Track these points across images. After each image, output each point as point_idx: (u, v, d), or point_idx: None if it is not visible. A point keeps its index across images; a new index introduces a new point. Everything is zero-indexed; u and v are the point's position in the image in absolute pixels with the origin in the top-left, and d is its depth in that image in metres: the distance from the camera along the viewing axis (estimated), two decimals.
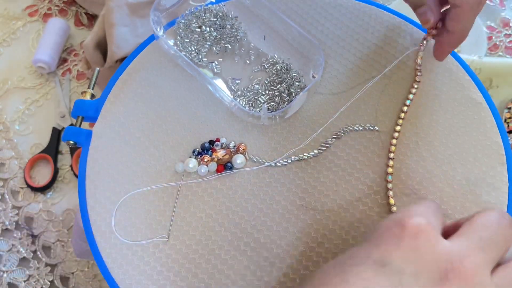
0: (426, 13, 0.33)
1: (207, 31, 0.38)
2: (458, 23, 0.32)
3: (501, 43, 0.58)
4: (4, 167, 0.56)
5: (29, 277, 0.50)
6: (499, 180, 0.33)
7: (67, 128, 0.36)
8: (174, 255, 0.32)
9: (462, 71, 0.37)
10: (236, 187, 0.34)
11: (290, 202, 0.33)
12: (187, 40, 0.38)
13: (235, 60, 0.38)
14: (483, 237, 0.22)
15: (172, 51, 0.37)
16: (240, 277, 0.31)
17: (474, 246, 0.22)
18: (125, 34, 0.53)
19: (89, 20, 0.65)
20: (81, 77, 0.61)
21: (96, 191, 0.34)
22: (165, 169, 0.35)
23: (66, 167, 0.55)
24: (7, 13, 0.65)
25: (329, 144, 0.34)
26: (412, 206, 0.24)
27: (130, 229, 0.33)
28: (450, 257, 0.21)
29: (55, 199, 0.54)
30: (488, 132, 0.34)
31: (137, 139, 0.36)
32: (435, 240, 0.22)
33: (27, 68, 0.62)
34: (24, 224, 0.52)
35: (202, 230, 0.33)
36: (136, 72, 0.38)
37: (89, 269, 0.50)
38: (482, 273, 0.21)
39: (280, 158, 0.34)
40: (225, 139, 0.35)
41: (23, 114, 0.59)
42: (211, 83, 0.36)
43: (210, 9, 0.39)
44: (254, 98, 0.36)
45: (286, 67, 0.37)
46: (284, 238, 0.32)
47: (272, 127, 0.36)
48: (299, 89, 0.36)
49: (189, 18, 0.39)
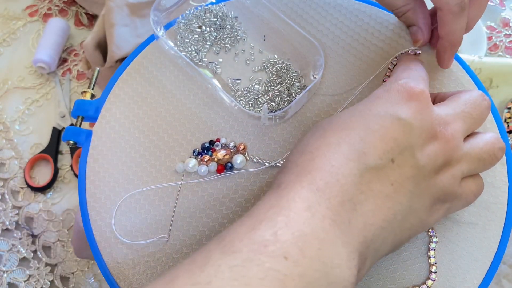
0: (417, 33, 0.35)
1: (207, 31, 0.38)
2: (443, 27, 0.32)
3: (501, 43, 0.58)
4: (4, 167, 0.56)
5: (29, 277, 0.50)
6: (499, 180, 0.33)
7: (67, 128, 0.36)
8: (174, 255, 0.32)
9: (462, 71, 0.37)
10: (236, 187, 0.34)
11: None
12: (187, 40, 0.38)
13: (235, 60, 0.38)
14: (465, 110, 0.29)
15: (172, 51, 0.37)
16: None
17: (457, 116, 0.28)
18: (125, 34, 0.53)
19: (89, 20, 0.65)
20: (81, 77, 0.61)
21: (96, 191, 0.34)
22: (165, 169, 0.35)
23: (66, 167, 0.55)
24: (7, 13, 0.65)
25: None
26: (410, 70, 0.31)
27: (130, 229, 0.33)
28: (439, 121, 0.27)
29: (55, 199, 0.54)
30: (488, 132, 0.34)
31: (137, 139, 0.36)
32: (431, 106, 0.28)
33: (27, 68, 0.62)
34: (24, 224, 0.52)
35: (202, 230, 0.33)
36: (136, 72, 0.38)
37: (89, 269, 0.50)
38: (459, 138, 0.28)
39: (280, 159, 0.34)
40: (225, 139, 0.35)
41: (23, 114, 0.59)
42: (211, 83, 0.36)
43: (210, 9, 0.39)
44: (254, 98, 0.36)
45: (286, 67, 0.37)
46: None
47: (272, 127, 0.36)
48: (299, 90, 0.36)
49: (189, 18, 0.39)
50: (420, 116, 0.27)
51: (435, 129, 0.27)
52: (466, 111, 0.29)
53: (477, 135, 0.30)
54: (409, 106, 0.27)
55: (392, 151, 0.26)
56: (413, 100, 0.27)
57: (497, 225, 0.32)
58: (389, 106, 0.27)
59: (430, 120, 0.27)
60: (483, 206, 0.32)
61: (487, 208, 0.32)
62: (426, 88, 0.28)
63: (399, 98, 0.27)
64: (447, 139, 0.27)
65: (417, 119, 0.26)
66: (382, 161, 0.25)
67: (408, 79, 0.28)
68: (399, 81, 0.28)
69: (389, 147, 0.26)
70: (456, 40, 0.32)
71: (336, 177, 0.24)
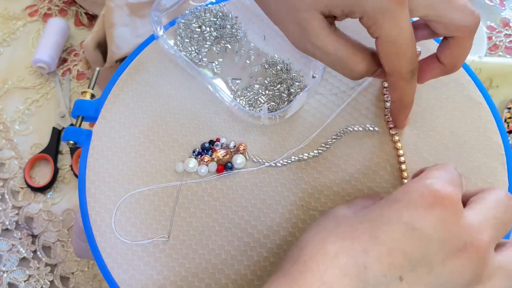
0: None
1: (207, 31, 0.38)
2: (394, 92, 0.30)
3: (501, 43, 0.58)
4: (4, 167, 0.56)
5: (29, 277, 0.50)
6: (499, 180, 0.33)
7: (67, 128, 0.36)
8: (174, 255, 0.32)
9: (462, 71, 0.37)
10: (236, 187, 0.34)
11: (290, 202, 0.33)
12: (187, 40, 0.38)
13: (235, 60, 0.38)
14: (496, 215, 0.24)
15: (172, 51, 0.37)
16: (240, 277, 0.31)
17: (489, 223, 0.24)
18: (125, 34, 0.53)
19: (89, 20, 0.65)
20: (81, 77, 0.61)
21: (96, 191, 0.34)
22: (165, 169, 0.35)
23: (66, 167, 0.55)
24: (7, 13, 0.65)
25: (329, 145, 0.34)
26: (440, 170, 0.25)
27: (130, 229, 0.33)
28: (470, 231, 0.23)
29: (55, 199, 0.54)
30: (488, 132, 0.34)
31: (137, 139, 0.36)
32: (460, 212, 0.23)
33: (27, 68, 0.62)
34: (24, 224, 0.52)
35: (202, 230, 0.33)
36: (136, 72, 0.38)
37: (89, 269, 0.50)
38: (491, 250, 0.23)
39: (280, 158, 0.34)
40: (225, 139, 0.35)
41: (23, 114, 0.59)
42: (211, 83, 0.36)
43: (210, 9, 0.39)
44: (254, 98, 0.36)
45: (286, 67, 0.37)
46: (284, 238, 0.32)
47: (272, 127, 0.36)
48: (299, 89, 0.36)
49: (189, 18, 0.39)
50: (443, 225, 0.22)
51: (464, 240, 0.23)
52: (498, 216, 0.24)
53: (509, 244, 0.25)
54: (430, 213, 0.22)
55: (401, 267, 0.22)
56: (437, 206, 0.23)
57: None
58: (405, 211, 0.23)
59: (458, 231, 0.23)
60: None
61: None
62: (457, 191, 0.23)
63: (419, 202, 0.23)
64: (479, 252, 0.23)
65: (438, 230, 0.22)
66: (386, 279, 0.22)
67: (435, 179, 0.24)
68: (424, 181, 0.24)
69: (398, 262, 0.22)
70: (408, 103, 0.31)
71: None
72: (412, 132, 0.35)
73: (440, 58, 0.29)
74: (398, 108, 0.31)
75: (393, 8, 0.25)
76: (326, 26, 0.27)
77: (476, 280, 0.23)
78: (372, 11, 0.25)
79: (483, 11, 0.60)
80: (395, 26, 0.26)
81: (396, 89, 0.29)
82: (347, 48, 0.28)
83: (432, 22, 0.28)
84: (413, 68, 0.28)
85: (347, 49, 0.28)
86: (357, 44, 0.29)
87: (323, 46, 0.28)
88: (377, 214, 0.24)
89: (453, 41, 0.28)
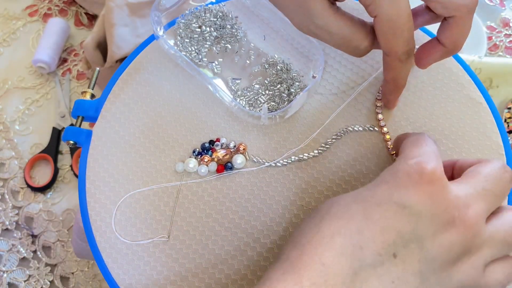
0: None
1: (207, 31, 0.38)
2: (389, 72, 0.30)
3: (501, 43, 0.58)
4: (4, 167, 0.56)
5: (29, 277, 0.50)
6: None
7: (67, 128, 0.36)
8: (174, 255, 0.32)
9: (462, 71, 0.37)
10: (236, 187, 0.34)
11: (290, 202, 0.33)
12: (187, 40, 0.38)
13: (235, 60, 0.38)
14: (486, 187, 0.25)
15: (172, 51, 0.37)
16: (240, 277, 0.31)
17: (478, 195, 0.24)
18: (125, 34, 0.53)
19: (89, 20, 0.65)
20: (81, 77, 0.61)
21: (96, 191, 0.34)
22: (165, 169, 0.35)
23: (66, 167, 0.55)
24: (7, 13, 0.65)
25: (329, 145, 0.34)
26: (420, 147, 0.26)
27: (130, 229, 0.33)
28: (457, 204, 0.24)
29: (55, 199, 0.54)
30: (488, 132, 0.34)
31: (137, 139, 0.36)
32: (446, 186, 0.24)
33: (27, 68, 0.62)
34: (24, 224, 0.52)
35: (202, 230, 0.33)
36: (136, 72, 0.38)
37: (89, 269, 0.50)
38: (480, 222, 0.24)
39: (280, 158, 0.34)
40: (225, 139, 0.35)
41: (23, 114, 0.59)
42: (211, 83, 0.36)
43: (210, 9, 0.39)
44: (254, 98, 0.36)
45: (286, 67, 0.37)
46: (284, 238, 0.32)
47: (272, 127, 0.36)
48: (299, 89, 0.36)
49: (189, 18, 0.39)
50: (431, 201, 0.23)
51: (452, 214, 0.23)
52: (488, 188, 0.25)
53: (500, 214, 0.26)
54: (418, 190, 0.23)
55: (394, 244, 0.23)
56: (423, 183, 0.23)
57: None
58: (394, 191, 0.24)
59: (445, 204, 0.23)
60: None
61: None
62: (439, 165, 0.24)
63: (407, 182, 0.24)
64: (467, 225, 0.23)
65: (427, 205, 0.23)
66: (381, 257, 0.23)
67: (418, 157, 0.24)
68: (408, 161, 0.24)
69: (391, 240, 0.23)
70: (401, 84, 0.31)
71: (325, 278, 0.22)
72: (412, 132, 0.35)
73: (441, 40, 0.29)
74: (391, 88, 0.32)
75: None
76: (328, 6, 0.28)
77: (465, 252, 0.24)
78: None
79: (483, 11, 0.60)
80: (393, 5, 0.26)
81: (390, 69, 0.30)
82: (350, 26, 0.28)
83: (431, 2, 0.28)
84: (409, 49, 0.28)
85: (350, 27, 0.28)
86: (359, 22, 0.29)
87: (326, 26, 0.28)
88: (368, 195, 0.25)
89: (453, 21, 0.28)
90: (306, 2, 0.28)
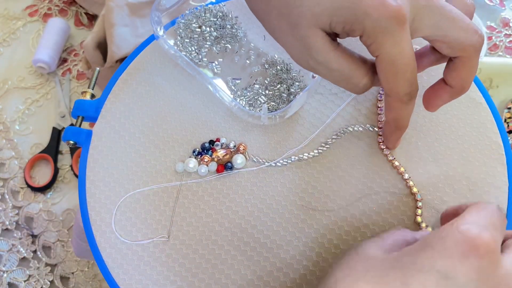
0: None
1: (207, 31, 0.38)
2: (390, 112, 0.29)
3: (501, 43, 0.58)
4: (4, 167, 0.56)
5: (29, 277, 0.50)
6: (499, 180, 0.33)
7: (67, 128, 0.36)
8: (174, 255, 0.32)
9: None
10: (236, 187, 0.34)
11: (290, 202, 0.33)
12: (187, 40, 0.38)
13: (235, 60, 0.38)
14: None
15: (172, 51, 0.37)
16: (240, 277, 0.31)
17: None
18: (125, 34, 0.53)
19: (89, 20, 0.65)
20: (81, 77, 0.61)
21: (96, 191, 0.34)
22: (165, 169, 0.35)
23: (66, 167, 0.55)
24: (7, 13, 0.65)
25: (329, 144, 0.34)
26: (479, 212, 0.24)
27: (130, 229, 0.33)
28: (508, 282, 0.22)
29: (55, 199, 0.54)
30: (488, 132, 0.34)
31: (137, 139, 0.36)
32: (498, 261, 0.22)
33: (27, 68, 0.62)
34: (24, 224, 0.52)
35: (202, 230, 0.33)
36: (136, 72, 0.38)
37: (89, 269, 0.50)
38: None
39: (280, 158, 0.34)
40: (225, 139, 0.35)
41: (23, 114, 0.59)
42: (211, 83, 0.36)
43: (210, 9, 0.39)
44: (254, 98, 0.36)
45: (286, 67, 0.37)
46: (284, 238, 0.32)
47: (272, 127, 0.36)
48: (299, 89, 0.36)
49: (189, 18, 0.39)
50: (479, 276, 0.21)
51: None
52: None
53: None
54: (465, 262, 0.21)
55: None
56: (472, 255, 0.21)
57: None
58: (439, 259, 0.22)
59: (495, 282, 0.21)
60: None
61: None
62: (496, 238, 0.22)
63: (454, 250, 0.22)
64: None
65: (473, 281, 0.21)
66: None
67: (472, 224, 0.22)
68: (460, 227, 0.22)
69: None
70: (403, 125, 0.30)
71: None
72: (412, 132, 0.35)
73: (448, 81, 0.29)
74: (392, 129, 0.31)
75: (393, 27, 0.24)
76: (328, 42, 0.27)
77: None
78: (372, 30, 0.25)
79: (483, 11, 0.60)
80: (395, 46, 0.25)
81: (392, 109, 0.29)
82: (350, 63, 0.27)
83: (436, 42, 0.27)
84: (411, 90, 0.27)
85: (350, 64, 0.27)
86: (359, 58, 0.28)
87: (326, 62, 0.27)
88: (409, 260, 0.23)
89: (459, 62, 0.27)
90: (306, 38, 0.26)
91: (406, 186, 0.33)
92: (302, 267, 0.31)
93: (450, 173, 0.33)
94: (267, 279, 0.31)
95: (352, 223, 0.32)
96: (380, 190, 0.33)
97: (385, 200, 0.33)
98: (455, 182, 0.33)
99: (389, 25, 0.24)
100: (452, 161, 0.34)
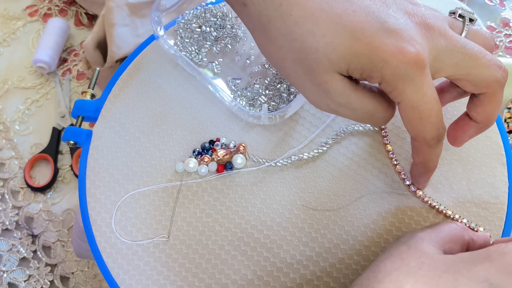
0: None
1: (207, 31, 0.38)
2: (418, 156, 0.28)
3: (501, 43, 0.58)
4: (4, 167, 0.56)
5: (29, 277, 0.50)
6: (499, 180, 0.33)
7: (67, 128, 0.36)
8: (174, 255, 0.32)
9: None
10: (236, 187, 0.34)
11: (290, 202, 0.33)
12: (187, 40, 0.38)
13: (235, 60, 0.38)
14: None
15: (172, 51, 0.37)
16: (240, 277, 0.31)
17: None
18: (125, 34, 0.53)
19: (89, 20, 0.65)
20: (81, 77, 0.61)
21: (96, 191, 0.34)
22: (165, 169, 0.35)
23: (66, 167, 0.55)
24: (7, 13, 0.65)
25: (329, 144, 0.34)
26: None
27: (130, 229, 0.33)
28: None
29: (55, 199, 0.54)
30: (488, 132, 0.34)
31: (137, 139, 0.36)
32: None
33: (27, 68, 0.62)
34: (24, 224, 0.52)
35: (202, 230, 0.33)
36: (136, 72, 0.38)
37: (89, 269, 0.50)
38: None
39: (280, 158, 0.34)
40: (225, 139, 0.35)
41: (23, 114, 0.59)
42: (211, 83, 0.36)
43: (210, 9, 0.39)
44: (254, 98, 0.36)
45: None
46: (284, 238, 0.32)
47: (272, 127, 0.36)
48: None
49: (189, 18, 0.39)
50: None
51: None
52: None
53: None
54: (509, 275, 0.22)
55: None
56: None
57: (497, 225, 0.32)
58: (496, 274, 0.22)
59: None
60: (483, 206, 0.32)
61: (487, 208, 0.32)
62: None
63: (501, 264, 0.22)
64: None
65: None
66: None
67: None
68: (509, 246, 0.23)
69: None
70: (432, 167, 0.29)
71: None
72: None
73: (473, 117, 0.28)
74: (421, 171, 0.30)
75: (413, 73, 0.24)
76: (347, 84, 0.26)
77: None
78: (392, 77, 0.24)
79: (483, 11, 0.60)
80: (417, 92, 0.24)
81: (419, 153, 0.28)
82: (371, 99, 0.26)
83: (460, 81, 0.26)
84: (438, 134, 0.26)
85: (371, 100, 0.26)
86: (379, 93, 0.27)
87: (348, 104, 0.26)
88: (465, 267, 0.23)
89: (484, 97, 0.27)
90: (324, 83, 0.25)
91: (406, 186, 0.33)
92: (302, 267, 0.31)
93: (450, 173, 0.33)
94: (267, 279, 0.31)
95: (352, 223, 0.32)
96: (380, 190, 0.33)
97: (385, 199, 0.33)
98: (455, 182, 0.33)
99: (409, 72, 0.24)
100: (452, 161, 0.34)
